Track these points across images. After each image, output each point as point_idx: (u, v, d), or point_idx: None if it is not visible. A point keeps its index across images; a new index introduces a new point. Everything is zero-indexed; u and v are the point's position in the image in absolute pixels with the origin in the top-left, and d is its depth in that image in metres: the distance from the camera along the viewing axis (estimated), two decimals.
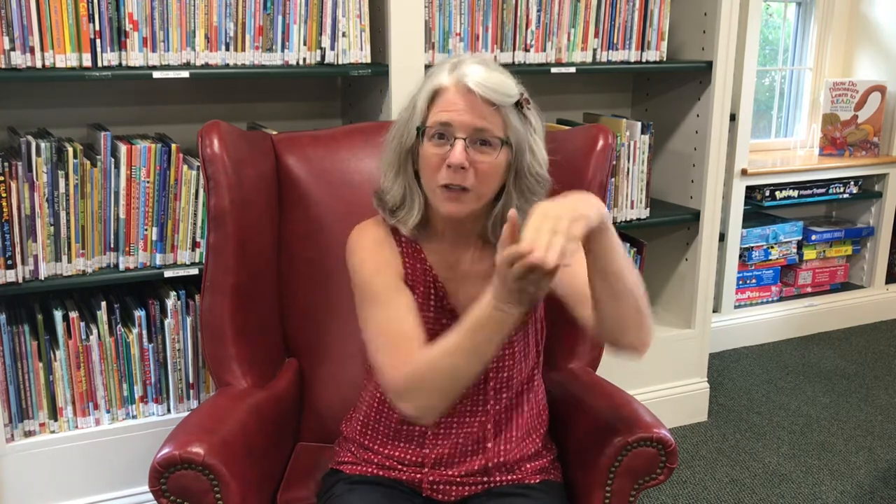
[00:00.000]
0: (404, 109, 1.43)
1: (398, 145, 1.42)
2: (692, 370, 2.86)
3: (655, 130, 2.65)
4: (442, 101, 1.36)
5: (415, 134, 1.39)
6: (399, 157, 1.42)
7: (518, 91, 1.37)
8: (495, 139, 1.34)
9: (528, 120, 1.39)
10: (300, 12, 2.05)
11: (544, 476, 1.52)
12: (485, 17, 2.27)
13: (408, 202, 1.43)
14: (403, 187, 1.42)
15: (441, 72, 1.38)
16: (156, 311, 2.08)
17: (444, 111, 1.35)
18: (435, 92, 1.37)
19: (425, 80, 1.41)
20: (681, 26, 2.70)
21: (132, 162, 1.95)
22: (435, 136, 1.35)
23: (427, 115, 1.38)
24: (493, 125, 1.34)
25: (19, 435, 2.02)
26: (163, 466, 1.35)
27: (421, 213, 1.42)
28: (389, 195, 1.44)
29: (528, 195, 1.40)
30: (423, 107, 1.38)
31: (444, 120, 1.34)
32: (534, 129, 1.40)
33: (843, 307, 3.79)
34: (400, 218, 1.44)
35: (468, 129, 1.33)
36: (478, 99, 1.33)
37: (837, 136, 3.72)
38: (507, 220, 1.19)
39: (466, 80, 1.33)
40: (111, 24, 1.89)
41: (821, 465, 2.62)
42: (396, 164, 1.43)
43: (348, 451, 1.55)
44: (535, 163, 1.40)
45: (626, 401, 1.57)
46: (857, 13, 3.76)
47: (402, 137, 1.41)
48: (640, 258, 2.61)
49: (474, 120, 1.33)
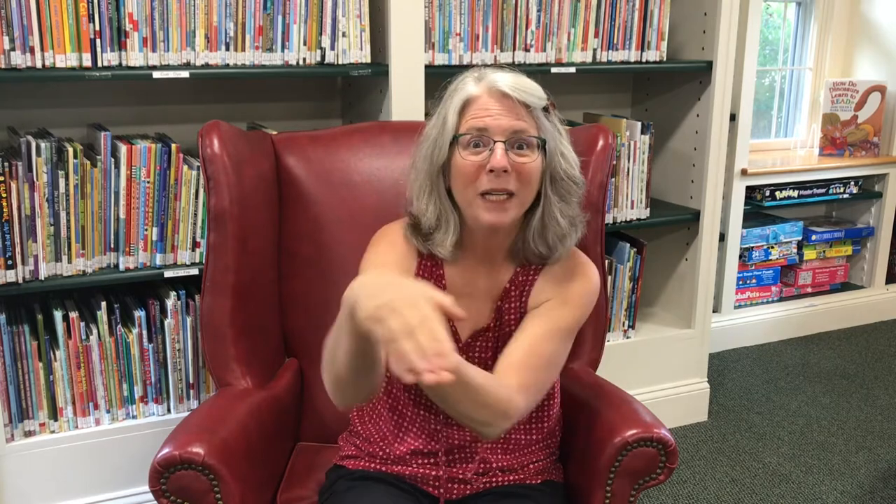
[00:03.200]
0: (430, 128, 1.40)
1: (429, 164, 1.38)
2: (692, 370, 2.86)
3: (655, 130, 2.65)
4: (475, 109, 1.34)
5: (447, 147, 1.35)
6: (431, 176, 1.39)
7: (546, 94, 1.37)
8: (532, 140, 1.34)
9: (555, 124, 1.39)
10: (300, 12, 2.05)
11: (545, 476, 1.52)
12: (485, 17, 2.28)
13: (443, 222, 1.40)
14: (438, 207, 1.40)
15: (466, 84, 1.37)
16: (156, 311, 2.08)
17: (479, 117, 1.33)
18: (466, 102, 1.35)
19: (449, 95, 1.39)
20: (681, 26, 2.70)
21: (132, 162, 1.95)
22: (471, 143, 1.33)
23: (459, 126, 1.35)
24: (529, 127, 1.34)
25: (19, 435, 2.02)
26: (163, 466, 1.35)
27: (457, 232, 1.40)
28: (424, 218, 1.40)
29: (566, 197, 1.40)
30: (455, 118, 1.35)
31: (481, 126, 1.33)
32: (561, 133, 1.40)
33: (843, 307, 3.79)
34: (436, 240, 1.41)
35: (506, 131, 1.32)
36: (513, 102, 1.33)
37: (837, 136, 3.72)
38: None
39: (498, 84, 1.33)
40: (111, 24, 1.89)
41: (821, 465, 2.62)
42: (429, 185, 1.39)
43: (353, 444, 1.55)
44: (567, 165, 1.39)
45: (626, 401, 1.57)
46: (857, 13, 3.76)
47: (434, 155, 1.37)
48: (640, 258, 2.61)
49: (512, 122, 1.32)
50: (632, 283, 2.63)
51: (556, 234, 1.40)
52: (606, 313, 1.81)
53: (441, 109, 1.39)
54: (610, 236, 2.64)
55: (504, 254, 1.45)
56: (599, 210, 1.77)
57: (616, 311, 2.66)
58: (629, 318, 2.69)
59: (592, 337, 1.78)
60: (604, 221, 1.78)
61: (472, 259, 1.44)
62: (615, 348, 2.65)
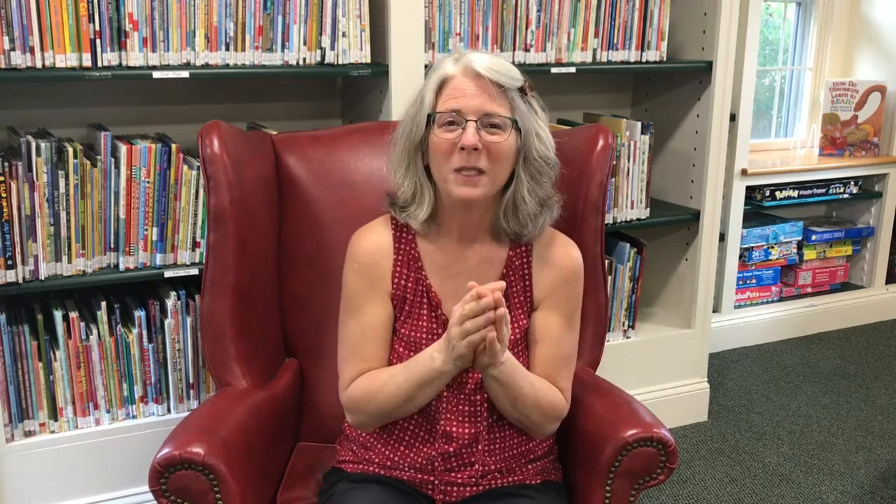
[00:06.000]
0: (410, 106, 1.46)
1: (406, 141, 1.44)
2: (692, 370, 2.86)
3: (655, 130, 2.65)
4: (450, 88, 1.39)
5: (424, 125, 1.41)
6: (409, 152, 1.45)
7: (522, 76, 1.41)
8: (505, 120, 1.38)
9: (531, 105, 1.43)
10: (300, 12, 2.05)
11: (545, 476, 1.52)
12: (485, 17, 2.28)
13: (418, 196, 1.45)
14: (414, 182, 1.45)
15: (444, 64, 1.42)
16: (156, 311, 2.08)
17: (454, 98, 1.38)
18: (442, 81, 1.41)
19: (429, 75, 1.44)
20: (681, 26, 2.70)
21: (132, 162, 1.95)
22: (446, 122, 1.38)
23: (436, 104, 1.40)
24: (501, 107, 1.38)
25: (19, 435, 2.01)
26: (163, 466, 1.35)
27: (431, 206, 1.45)
28: (400, 191, 1.46)
29: (538, 178, 1.44)
30: (432, 97, 1.41)
31: (455, 106, 1.37)
32: (538, 115, 1.44)
33: (843, 307, 3.79)
34: (410, 212, 1.46)
35: (478, 111, 1.36)
36: (486, 82, 1.37)
37: (837, 136, 3.72)
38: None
39: (474, 65, 1.38)
40: (111, 24, 1.89)
41: (821, 465, 2.62)
42: (406, 160, 1.45)
43: (349, 450, 1.55)
44: (542, 146, 1.43)
45: (626, 401, 1.57)
46: (857, 13, 3.76)
47: (411, 132, 1.43)
48: (640, 258, 2.61)
49: (484, 103, 1.37)
50: (632, 283, 2.62)
51: (525, 213, 1.45)
52: (606, 313, 1.81)
53: (420, 89, 1.45)
54: (610, 236, 2.64)
55: (484, 231, 1.49)
56: (599, 210, 1.76)
57: (616, 311, 2.66)
58: (629, 318, 2.69)
59: (592, 337, 1.78)
60: (604, 221, 1.78)
61: (450, 237, 1.49)
62: (615, 348, 2.65)
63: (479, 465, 1.47)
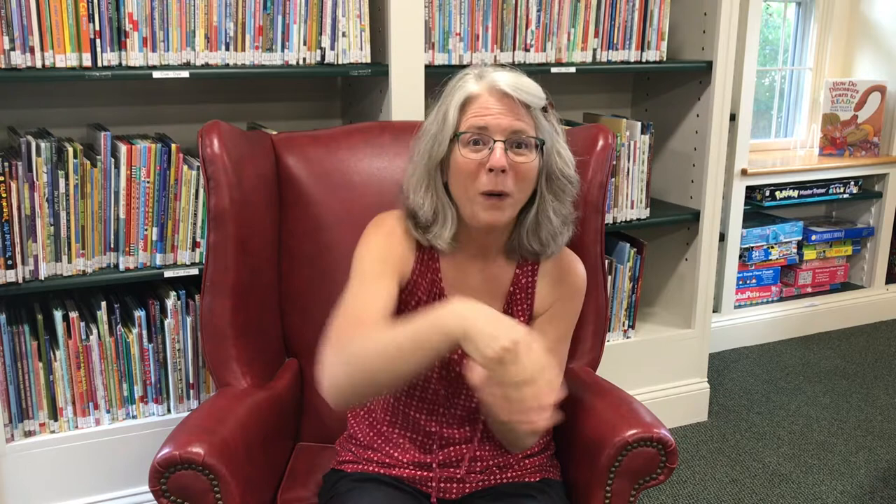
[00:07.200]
0: (430, 123, 1.41)
1: (428, 159, 1.40)
2: (692, 370, 2.86)
3: (655, 130, 2.65)
4: (475, 107, 1.35)
5: (447, 144, 1.37)
6: (429, 171, 1.40)
7: (545, 94, 1.38)
8: (531, 140, 1.35)
9: (552, 123, 1.41)
10: (300, 12, 2.05)
11: (543, 474, 1.52)
12: (485, 17, 2.28)
13: (440, 216, 1.41)
14: (435, 202, 1.41)
15: (467, 82, 1.38)
16: (156, 311, 2.08)
17: (480, 116, 1.34)
18: (466, 99, 1.36)
19: (450, 92, 1.40)
20: (681, 26, 2.70)
21: (132, 162, 1.95)
22: (471, 141, 1.35)
23: (459, 123, 1.36)
24: (528, 126, 1.35)
25: (19, 435, 2.02)
26: (163, 466, 1.35)
27: (455, 225, 1.41)
28: (421, 211, 1.42)
29: (561, 196, 1.42)
30: (455, 115, 1.36)
31: (481, 124, 1.34)
32: (558, 132, 1.42)
33: (843, 307, 3.79)
34: (434, 233, 1.42)
35: (506, 131, 1.33)
36: (513, 101, 1.34)
37: (837, 136, 3.72)
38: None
39: (499, 84, 1.34)
40: (111, 24, 1.89)
41: (821, 465, 2.62)
42: (426, 179, 1.41)
43: (349, 450, 1.55)
44: (563, 164, 1.41)
45: (625, 401, 1.57)
46: (857, 13, 3.76)
47: (433, 150, 1.39)
48: (640, 258, 2.61)
49: (511, 122, 1.34)
50: (632, 283, 2.63)
51: (549, 232, 1.43)
52: (606, 313, 1.81)
53: (441, 106, 1.40)
54: (610, 236, 2.64)
55: (498, 249, 1.47)
56: (599, 210, 1.77)
57: (616, 311, 2.66)
58: (629, 318, 2.69)
59: (592, 337, 1.78)
60: (604, 221, 1.78)
61: (467, 253, 1.46)
62: (615, 348, 2.65)
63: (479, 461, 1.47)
